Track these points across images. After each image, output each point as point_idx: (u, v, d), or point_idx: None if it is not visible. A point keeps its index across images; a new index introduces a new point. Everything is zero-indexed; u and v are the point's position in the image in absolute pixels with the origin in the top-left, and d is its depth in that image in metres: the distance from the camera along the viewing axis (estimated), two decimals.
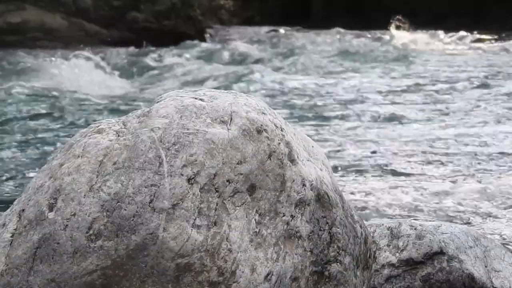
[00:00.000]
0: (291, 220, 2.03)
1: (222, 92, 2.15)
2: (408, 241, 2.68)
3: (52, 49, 12.58)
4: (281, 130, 2.09)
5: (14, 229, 1.97)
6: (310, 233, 2.06)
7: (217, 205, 1.94)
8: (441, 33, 15.33)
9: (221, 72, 10.75)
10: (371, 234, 2.63)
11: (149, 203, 1.90)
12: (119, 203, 1.90)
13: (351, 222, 2.18)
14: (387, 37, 14.92)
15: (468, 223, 4.19)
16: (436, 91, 9.08)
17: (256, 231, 1.98)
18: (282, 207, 2.02)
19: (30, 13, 13.68)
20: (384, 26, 15.79)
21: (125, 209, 1.90)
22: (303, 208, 2.06)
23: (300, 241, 2.04)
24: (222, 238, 1.92)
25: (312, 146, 2.23)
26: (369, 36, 14.98)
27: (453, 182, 5.08)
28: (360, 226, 2.23)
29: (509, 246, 3.60)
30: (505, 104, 8.18)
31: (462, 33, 15.44)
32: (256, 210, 1.99)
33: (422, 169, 5.50)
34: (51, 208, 1.94)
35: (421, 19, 16.71)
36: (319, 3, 18.95)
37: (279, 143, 2.06)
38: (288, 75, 10.64)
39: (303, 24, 17.83)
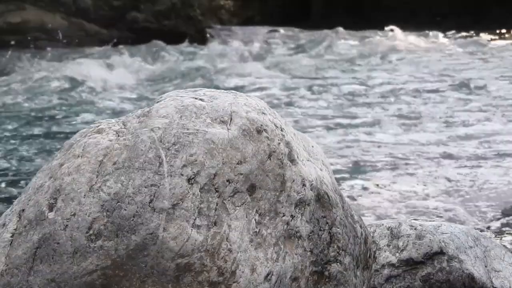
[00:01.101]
0: (291, 220, 2.03)
1: (222, 92, 2.15)
2: (408, 241, 2.68)
3: (52, 49, 12.59)
4: (281, 130, 2.09)
5: (14, 229, 1.97)
6: (310, 233, 2.06)
7: (217, 205, 1.94)
8: (441, 33, 15.33)
9: (221, 72, 10.76)
10: (371, 234, 2.63)
11: (149, 203, 1.90)
12: (119, 203, 1.90)
13: (351, 222, 2.18)
14: (386, 37, 14.92)
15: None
16: (434, 92, 9.08)
17: (256, 231, 1.98)
18: (282, 207, 2.02)
19: (30, 13, 13.68)
20: (384, 26, 15.80)
21: (125, 209, 1.90)
22: (303, 208, 2.06)
23: (300, 241, 2.04)
24: (222, 238, 1.92)
25: (312, 146, 2.23)
26: (368, 36, 14.98)
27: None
28: (360, 226, 2.23)
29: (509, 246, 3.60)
30: (502, 104, 8.18)
31: (462, 33, 15.45)
32: (256, 210, 1.99)
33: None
34: (51, 208, 1.94)
35: (421, 19, 16.71)
36: (319, 3, 18.95)
37: (279, 143, 2.06)
38: (289, 76, 10.64)
39: (303, 24, 17.84)
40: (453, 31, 15.46)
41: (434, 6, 17.65)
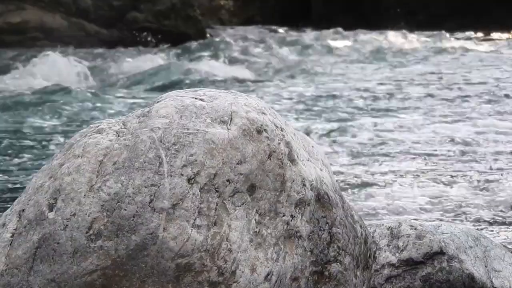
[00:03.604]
0: (291, 220, 2.03)
1: (222, 92, 2.15)
2: (408, 241, 2.68)
3: (52, 49, 12.58)
4: (281, 130, 2.09)
5: (14, 229, 1.97)
6: (310, 233, 2.06)
7: (217, 205, 1.94)
8: (441, 33, 15.33)
9: (221, 72, 10.75)
10: (371, 234, 2.63)
11: (149, 203, 1.90)
12: (119, 203, 1.90)
13: (351, 222, 2.18)
14: (386, 37, 14.91)
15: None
16: (434, 91, 9.08)
17: (256, 231, 1.98)
18: (282, 207, 2.02)
19: (30, 13, 13.68)
20: (384, 26, 15.80)
21: (125, 209, 1.90)
22: (303, 208, 2.06)
23: (300, 241, 2.04)
24: (222, 238, 1.92)
25: (312, 146, 2.23)
26: (368, 36, 14.98)
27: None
28: (360, 226, 2.23)
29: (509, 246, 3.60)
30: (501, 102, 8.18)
31: (462, 33, 15.45)
32: (256, 210, 1.99)
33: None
34: (51, 208, 1.94)
35: (421, 19, 16.72)
36: (319, 3, 18.95)
37: (279, 143, 2.06)
38: (288, 77, 10.64)
39: (303, 24, 17.85)
40: (453, 31, 15.46)
41: (434, 6, 17.66)
